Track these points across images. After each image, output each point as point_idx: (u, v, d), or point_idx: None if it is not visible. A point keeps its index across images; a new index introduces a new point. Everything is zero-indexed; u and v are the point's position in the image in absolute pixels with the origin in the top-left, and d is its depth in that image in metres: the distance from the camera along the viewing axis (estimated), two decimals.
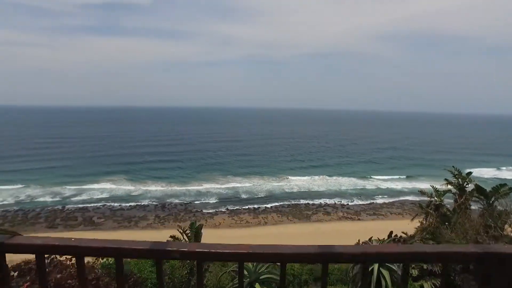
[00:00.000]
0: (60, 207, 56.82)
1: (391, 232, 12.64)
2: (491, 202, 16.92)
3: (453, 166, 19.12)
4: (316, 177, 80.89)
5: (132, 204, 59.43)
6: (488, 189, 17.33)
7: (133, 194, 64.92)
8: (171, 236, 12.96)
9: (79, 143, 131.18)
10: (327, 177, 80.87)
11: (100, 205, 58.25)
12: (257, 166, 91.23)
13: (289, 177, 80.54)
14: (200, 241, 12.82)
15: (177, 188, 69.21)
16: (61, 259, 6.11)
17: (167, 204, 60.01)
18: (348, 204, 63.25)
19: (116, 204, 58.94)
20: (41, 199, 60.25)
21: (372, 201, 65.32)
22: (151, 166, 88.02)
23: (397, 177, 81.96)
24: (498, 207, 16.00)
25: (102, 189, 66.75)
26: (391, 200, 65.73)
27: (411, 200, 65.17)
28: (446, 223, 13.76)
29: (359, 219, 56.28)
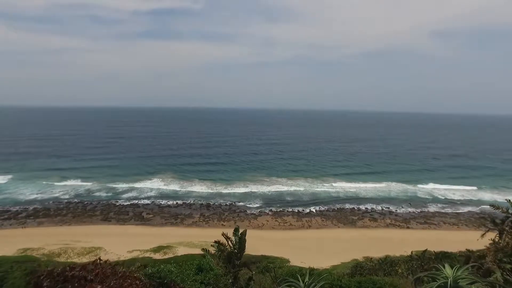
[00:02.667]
0: (113, 201, 60.49)
1: (468, 258, 11.07)
2: None
3: None
4: (364, 182, 77.78)
5: (179, 202, 61.46)
6: None
7: (180, 192, 67.16)
8: (215, 241, 12.82)
9: (130, 142, 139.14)
10: (376, 183, 77.46)
11: (149, 202, 60.96)
12: (302, 170, 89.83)
13: (336, 181, 78.49)
14: (244, 248, 12.56)
15: (222, 188, 70.47)
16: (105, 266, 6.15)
17: (212, 203, 61.23)
18: (396, 211, 60.13)
19: (163, 202, 61.32)
20: (97, 194, 64.60)
21: (423, 209, 61.50)
22: (198, 166, 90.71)
23: (453, 186, 76.26)
24: None
25: (151, 186, 69.92)
26: (446, 210, 61.35)
27: (469, 211, 60.45)
28: None
29: (408, 227, 53.25)
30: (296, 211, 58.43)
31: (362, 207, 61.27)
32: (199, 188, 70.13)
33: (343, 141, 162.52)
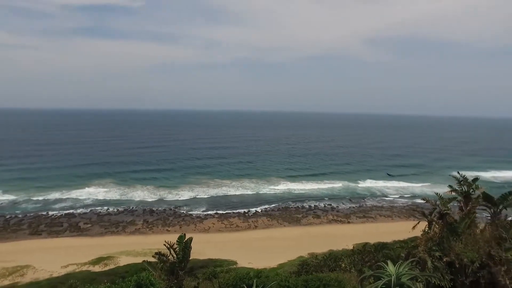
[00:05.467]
0: (44, 213, 55.10)
1: (408, 254, 11.94)
2: (498, 210, 16.44)
3: (458, 172, 18.52)
4: (307, 182, 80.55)
5: (120, 209, 58.18)
6: (496, 196, 16.86)
7: (122, 198, 63.57)
8: (156, 253, 11.99)
9: (67, 149, 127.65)
10: (319, 182, 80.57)
11: (87, 211, 56.75)
12: (247, 172, 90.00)
13: (280, 181, 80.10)
14: (189, 256, 11.96)
15: (166, 192, 68.07)
16: None
17: (155, 209, 58.85)
18: (338, 207, 63.06)
19: (103, 209, 57.58)
20: (24, 205, 58.43)
21: (361, 204, 65.28)
22: (140, 170, 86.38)
23: (388, 182, 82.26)
24: (509, 217, 15.53)
25: (90, 194, 65.19)
26: (381, 204, 65.71)
27: (401, 204, 65.42)
28: (453, 234, 13.21)
29: (349, 222, 56.07)
30: (242, 212, 58.52)
31: (306, 205, 63.32)
32: (142, 193, 66.97)
33: (287, 143, 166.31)
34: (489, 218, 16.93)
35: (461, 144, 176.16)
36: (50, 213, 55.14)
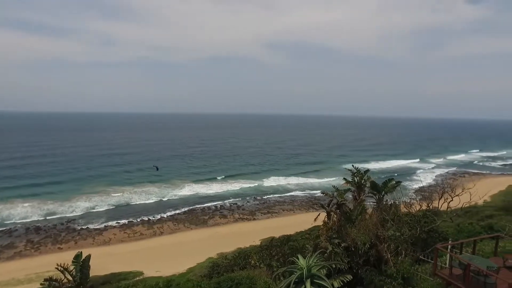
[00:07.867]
0: None
1: (315, 246, 12.97)
2: (382, 196, 19.30)
3: (352, 165, 20.81)
4: (211, 182, 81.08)
5: None
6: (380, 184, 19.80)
7: None
8: (46, 279, 10.12)
9: None
10: (223, 182, 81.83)
11: None
12: (150, 178, 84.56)
13: (184, 184, 78.64)
14: (88, 275, 10.66)
15: (56, 205, 59.91)
16: None
17: (42, 225, 51.44)
18: (243, 205, 64.88)
19: None
20: None
21: (265, 200, 68.38)
22: (18, 186, 72.17)
23: (289, 178, 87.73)
24: (389, 201, 18.42)
25: None
26: (284, 199, 69.84)
27: (302, 198, 70.60)
28: (349, 221, 14.97)
29: (254, 219, 58.15)
30: (146, 219, 55.74)
31: (212, 206, 63.60)
32: (23, 210, 57.33)
33: (188, 145, 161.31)
34: (375, 203, 19.72)
35: (354, 141, 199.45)
36: None
